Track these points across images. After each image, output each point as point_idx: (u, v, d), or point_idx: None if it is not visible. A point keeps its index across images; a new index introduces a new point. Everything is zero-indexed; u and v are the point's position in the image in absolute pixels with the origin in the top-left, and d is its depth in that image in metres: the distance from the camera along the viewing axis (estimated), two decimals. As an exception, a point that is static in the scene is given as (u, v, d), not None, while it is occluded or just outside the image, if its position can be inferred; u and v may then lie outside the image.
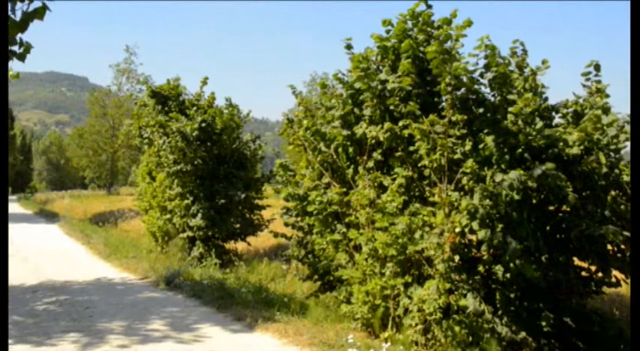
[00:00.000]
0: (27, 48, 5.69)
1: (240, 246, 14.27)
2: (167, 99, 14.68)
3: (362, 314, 7.00)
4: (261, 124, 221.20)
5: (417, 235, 6.46)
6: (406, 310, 6.62)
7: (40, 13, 5.45)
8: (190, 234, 13.41)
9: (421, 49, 7.28)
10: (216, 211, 13.22)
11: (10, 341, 6.80)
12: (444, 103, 6.90)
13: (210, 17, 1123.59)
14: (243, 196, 13.29)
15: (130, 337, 7.03)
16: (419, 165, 6.80)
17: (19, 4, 5.39)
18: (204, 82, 14.58)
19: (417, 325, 6.42)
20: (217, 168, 13.58)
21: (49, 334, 7.16)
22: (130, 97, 47.57)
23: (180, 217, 13.55)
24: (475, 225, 5.99)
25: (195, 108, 13.86)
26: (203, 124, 13.26)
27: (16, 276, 11.48)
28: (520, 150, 6.47)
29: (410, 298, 6.55)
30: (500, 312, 6.37)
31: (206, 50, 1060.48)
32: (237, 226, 13.67)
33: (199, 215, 13.12)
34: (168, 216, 14.07)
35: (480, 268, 6.47)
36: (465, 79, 6.67)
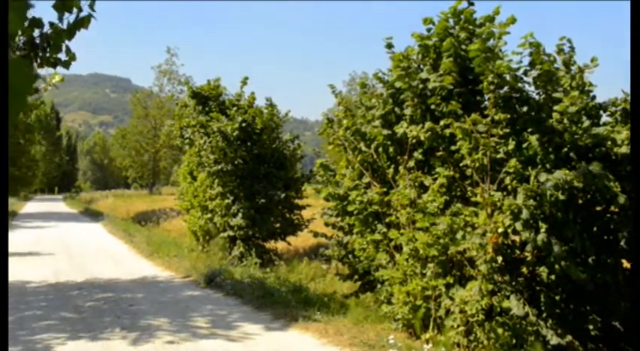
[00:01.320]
0: (72, 56, 5.89)
1: (280, 245, 14.34)
2: (208, 99, 14.85)
3: (403, 315, 6.95)
4: (301, 124, 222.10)
5: (458, 236, 6.37)
6: (448, 312, 6.54)
7: (86, 22, 5.64)
8: (231, 233, 13.53)
9: (463, 47, 7.18)
10: (257, 211, 13.31)
11: (62, 335, 7.06)
12: (486, 102, 6.80)
13: (251, 17, 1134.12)
14: (283, 195, 13.34)
15: (176, 334, 7.16)
16: (460, 165, 6.71)
17: (66, 14, 5.58)
18: (244, 82, 14.63)
19: (458, 326, 6.34)
20: (257, 168, 13.66)
21: (97, 329, 7.35)
22: (171, 97, 48.59)
23: (221, 217, 13.68)
24: (519, 226, 5.87)
25: (235, 108, 13.95)
26: (243, 124, 13.36)
27: (62, 273, 11.84)
28: (565, 149, 6.32)
29: (452, 299, 6.47)
30: (544, 314, 6.23)
31: (247, 49, 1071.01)
32: (278, 225, 13.74)
33: (240, 215, 13.22)
34: (209, 215, 14.23)
35: (524, 270, 6.35)
36: (508, 77, 6.55)
